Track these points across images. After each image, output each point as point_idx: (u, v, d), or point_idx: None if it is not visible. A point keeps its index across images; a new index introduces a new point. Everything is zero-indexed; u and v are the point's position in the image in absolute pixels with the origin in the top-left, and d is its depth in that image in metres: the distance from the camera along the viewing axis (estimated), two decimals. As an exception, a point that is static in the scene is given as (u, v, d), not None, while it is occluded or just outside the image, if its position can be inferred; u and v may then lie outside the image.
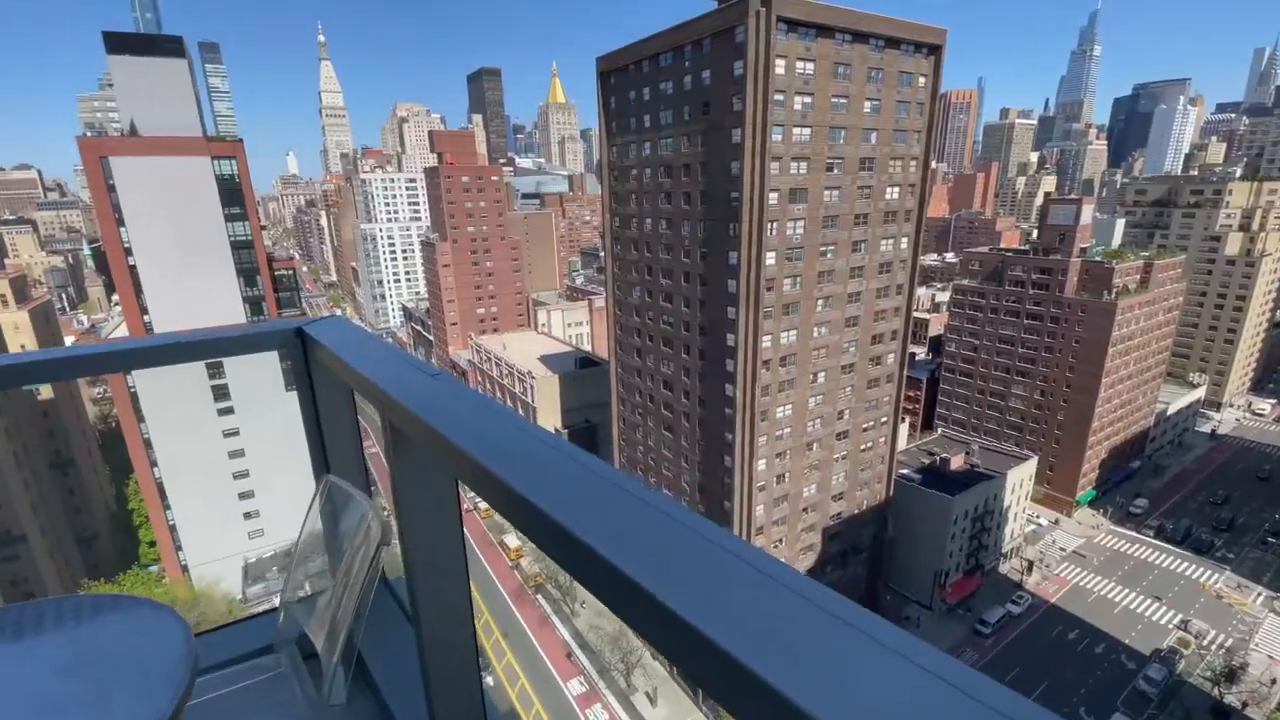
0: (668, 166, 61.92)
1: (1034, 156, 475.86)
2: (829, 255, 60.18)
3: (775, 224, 55.11)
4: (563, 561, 1.26)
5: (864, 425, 71.15)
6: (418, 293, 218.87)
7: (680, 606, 0.96)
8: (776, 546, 66.94)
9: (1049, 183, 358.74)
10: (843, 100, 57.51)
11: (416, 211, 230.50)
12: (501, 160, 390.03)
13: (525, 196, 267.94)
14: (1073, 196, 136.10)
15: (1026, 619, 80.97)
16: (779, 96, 53.01)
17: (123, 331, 73.78)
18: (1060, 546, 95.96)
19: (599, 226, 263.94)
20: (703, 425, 65.53)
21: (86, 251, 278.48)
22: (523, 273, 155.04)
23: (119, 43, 67.18)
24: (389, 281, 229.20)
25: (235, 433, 78.68)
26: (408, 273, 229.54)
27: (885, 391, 72.19)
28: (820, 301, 61.00)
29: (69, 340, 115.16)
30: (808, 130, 55.98)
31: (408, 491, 2.05)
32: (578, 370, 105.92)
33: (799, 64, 53.96)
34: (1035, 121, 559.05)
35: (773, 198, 54.16)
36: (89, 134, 72.23)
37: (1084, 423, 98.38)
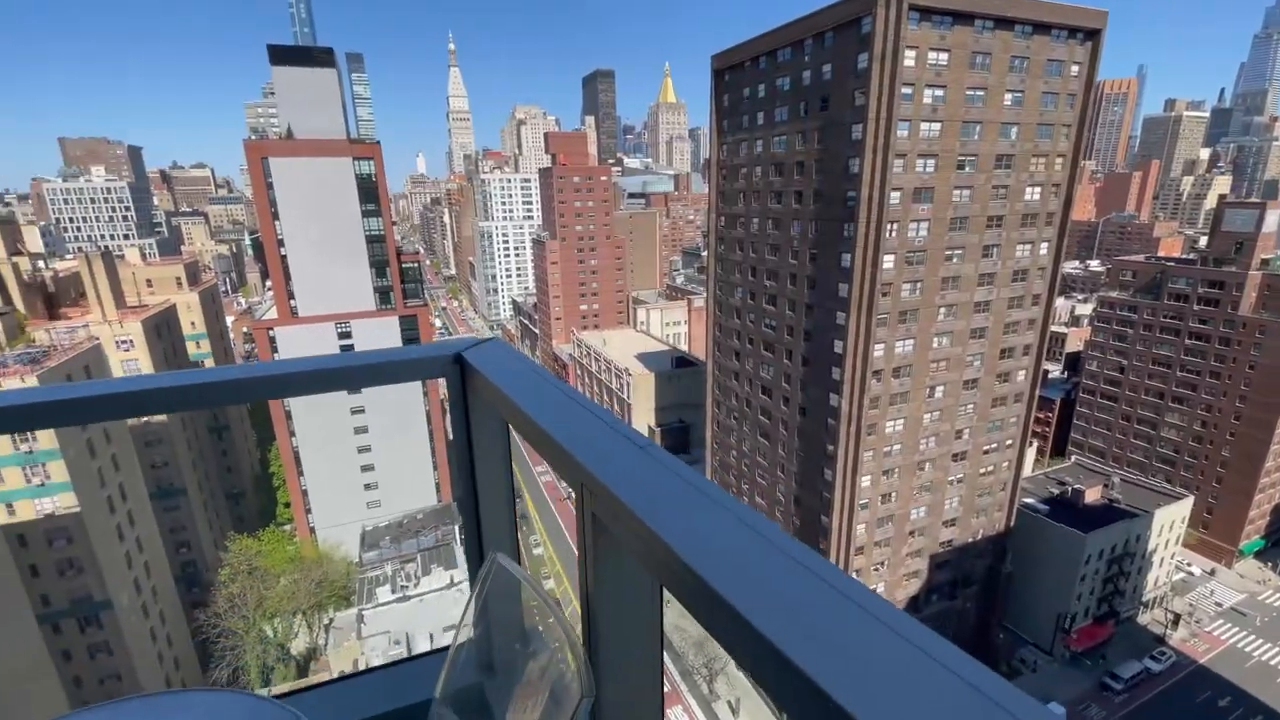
0: (779, 165, 59.94)
1: (1204, 154, 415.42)
2: (955, 260, 55.61)
3: (895, 225, 51.67)
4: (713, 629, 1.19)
5: (985, 447, 65.25)
6: (526, 288, 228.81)
7: (776, 636, 0.96)
8: (878, 570, 63.05)
9: (1223, 184, 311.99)
10: (979, 92, 52.86)
11: (529, 210, 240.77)
12: (610, 160, 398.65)
13: (631, 196, 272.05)
14: (1253, 200, 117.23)
15: (1168, 678, 70.92)
16: (907, 90, 49.58)
17: (273, 313, 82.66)
18: (1216, 600, 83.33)
19: (702, 226, 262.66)
20: (802, 435, 62.96)
21: (247, 242, 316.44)
22: (625, 271, 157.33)
23: (281, 55, 75.23)
24: (501, 276, 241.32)
25: (360, 410, 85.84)
26: (518, 268, 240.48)
27: (1012, 411, 65.77)
28: (942, 310, 56.52)
29: (230, 320, 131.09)
30: (937, 125, 51.98)
31: (606, 596, 1.67)
32: (674, 369, 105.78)
33: (931, 54, 50.19)
34: (1207, 114, 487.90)
35: (894, 197, 50.80)
36: (253, 137, 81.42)
37: (1255, 461, 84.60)
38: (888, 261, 52.18)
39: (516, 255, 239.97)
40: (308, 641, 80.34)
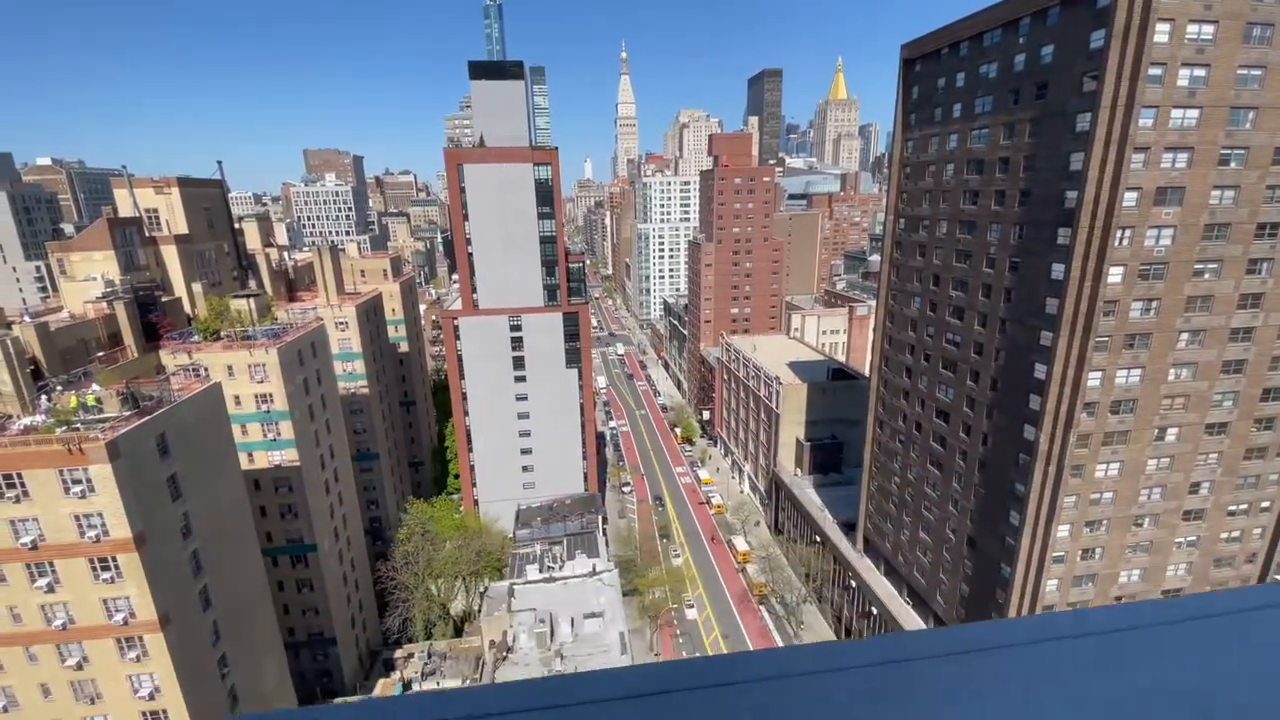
0: (977, 161, 53.20)
1: None
2: (1207, 276, 45.32)
3: (1128, 231, 43.25)
4: None
5: (1230, 507, 52.76)
6: (678, 289, 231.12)
7: None
8: (1069, 634, 53.58)
9: None
10: (1255, 72, 42.50)
11: (687, 212, 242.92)
12: (772, 160, 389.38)
13: (792, 197, 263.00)
14: None
15: None
16: (1155, 70, 41.17)
17: (458, 304, 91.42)
18: None
19: (869, 228, 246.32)
20: (984, 468, 55.49)
21: (439, 240, 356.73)
22: (780, 275, 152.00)
23: (478, 70, 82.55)
24: (654, 277, 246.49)
25: (525, 398, 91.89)
26: (671, 270, 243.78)
27: (1274, 466, 52.44)
28: (1185, 336, 46.42)
29: (421, 308, 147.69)
30: (1194, 113, 42.61)
31: None
32: (829, 381, 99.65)
33: (1191, 27, 41.24)
34: None
35: (1129, 198, 42.50)
36: (450, 146, 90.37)
37: None
38: (1114, 274, 43.85)
39: (671, 257, 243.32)
40: (464, 605, 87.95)
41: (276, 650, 57.28)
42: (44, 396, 43.46)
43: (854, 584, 76.39)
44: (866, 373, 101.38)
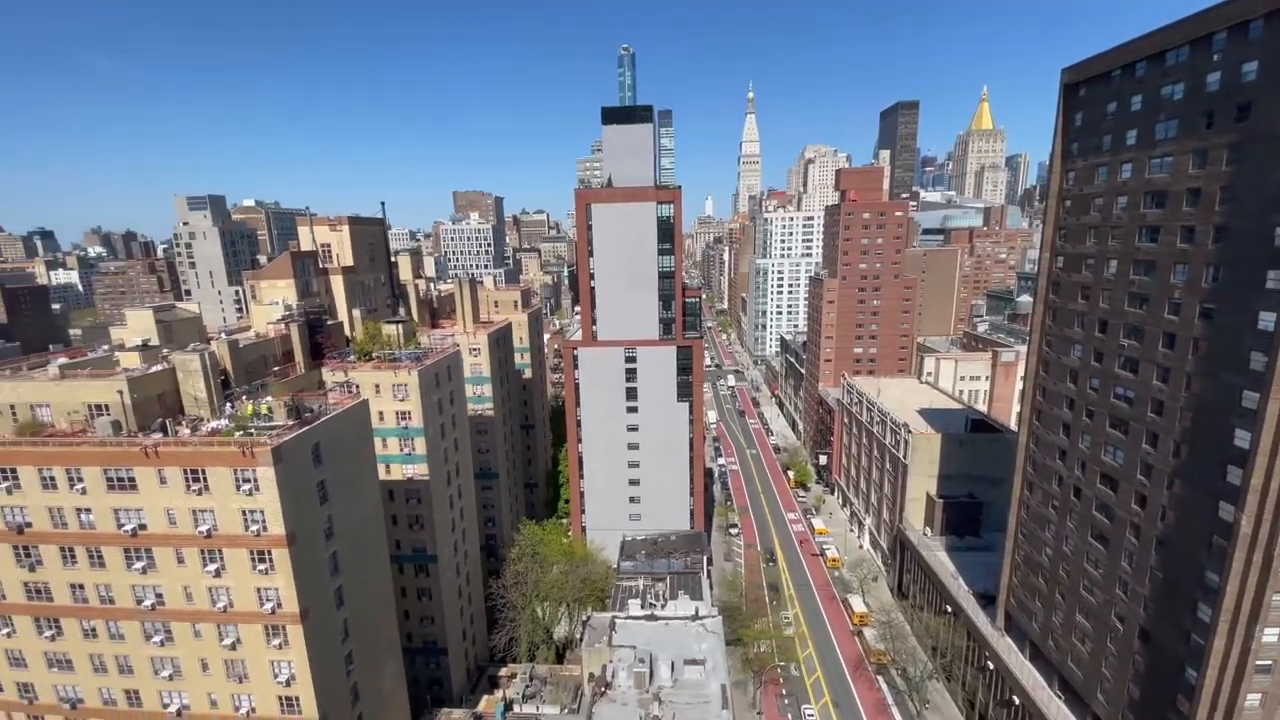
0: (1158, 193, 46.49)
1: None
2: None
3: (1369, 276, 35.27)
4: None
5: None
6: (796, 325, 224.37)
7: None
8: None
9: None
10: None
11: (809, 248, 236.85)
12: (904, 194, 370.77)
13: (927, 232, 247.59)
14: None
15: None
16: None
17: (578, 335, 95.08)
18: None
19: (1017, 266, 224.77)
20: (1163, 548, 46.94)
21: (565, 274, 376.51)
22: (912, 314, 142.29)
23: (610, 115, 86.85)
24: (771, 313, 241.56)
25: (635, 428, 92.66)
26: (790, 306, 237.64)
27: None
28: None
29: (545, 337, 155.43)
30: None
31: None
32: (968, 433, 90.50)
33: None
34: None
35: (1371, 235, 34.76)
36: (581, 187, 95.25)
37: None
38: (1349, 327, 35.78)
39: (790, 292, 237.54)
40: (567, 631, 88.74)
41: (395, 654, 60.86)
42: (229, 404, 50.43)
43: (991, 666, 67.29)
44: (1013, 426, 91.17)
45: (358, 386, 63.44)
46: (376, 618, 56.17)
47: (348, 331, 78.00)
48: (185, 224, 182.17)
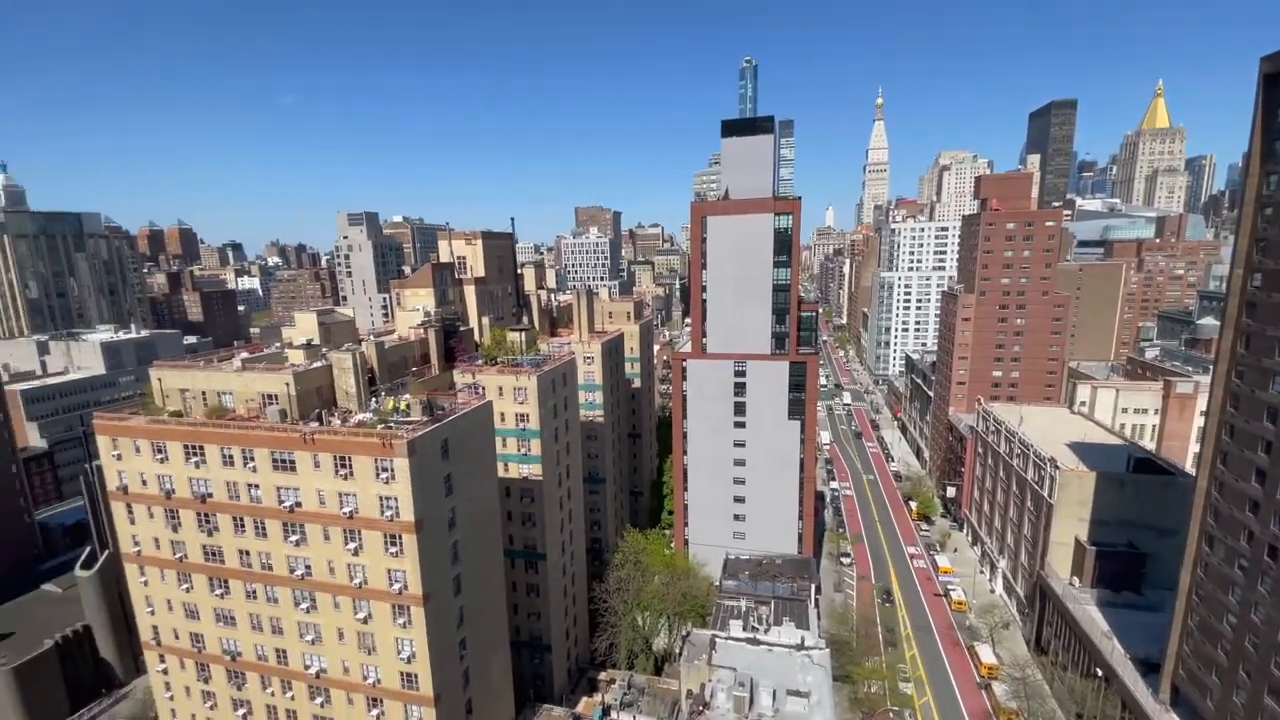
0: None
1: None
2: None
3: None
4: None
5: None
6: (924, 344, 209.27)
7: None
8: None
9: None
10: None
11: (941, 261, 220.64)
12: (1057, 203, 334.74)
13: (1083, 244, 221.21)
14: None
15: None
16: None
17: (688, 347, 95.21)
18: None
19: (1197, 283, 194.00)
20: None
21: (676, 286, 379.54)
22: (1064, 336, 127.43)
23: (730, 128, 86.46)
24: (896, 329, 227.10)
25: (742, 444, 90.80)
26: (918, 323, 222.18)
27: None
28: None
29: (655, 348, 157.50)
30: None
31: None
32: (1129, 474, 79.09)
33: None
34: None
35: None
36: (697, 200, 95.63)
37: None
38: None
39: (918, 308, 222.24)
40: (666, 644, 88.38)
41: (503, 646, 63.85)
42: (374, 399, 55.91)
43: (1153, 747, 57.83)
44: (1189, 468, 78.52)
45: (483, 388, 67.84)
46: (489, 608, 59.29)
47: (477, 337, 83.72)
48: (345, 238, 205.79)
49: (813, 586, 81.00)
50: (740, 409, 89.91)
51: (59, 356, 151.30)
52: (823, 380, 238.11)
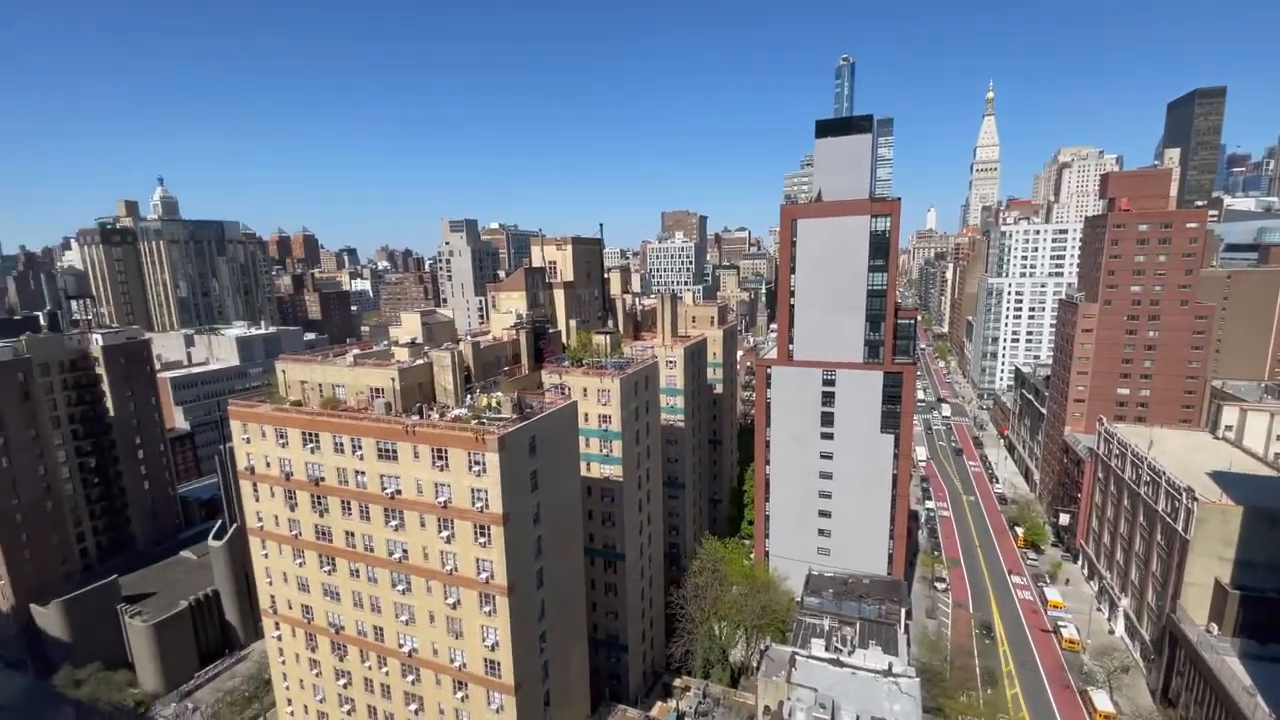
0: None
1: None
2: None
3: None
4: None
5: None
6: (1037, 357, 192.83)
7: None
8: None
9: None
10: None
11: (1059, 266, 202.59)
12: (1201, 202, 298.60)
13: (1232, 248, 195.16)
14: None
15: None
16: None
17: (773, 354, 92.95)
18: None
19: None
20: None
21: (762, 290, 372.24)
22: (1205, 351, 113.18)
23: (825, 128, 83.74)
24: (1005, 340, 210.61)
25: (829, 456, 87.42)
26: (1030, 333, 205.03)
27: None
28: None
29: (738, 354, 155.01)
30: None
31: None
32: (1289, 511, 68.75)
33: None
34: None
35: None
36: (787, 203, 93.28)
37: None
38: None
39: (1031, 317, 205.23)
40: (743, 656, 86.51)
41: (581, 642, 64.95)
42: (469, 395, 58.74)
43: (1316, 832, 49.72)
44: (1367, 510, 67.32)
45: (569, 389, 69.55)
46: (569, 603, 60.54)
47: (564, 339, 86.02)
48: (447, 243, 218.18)
49: (903, 611, 76.48)
50: (828, 419, 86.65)
51: (201, 348, 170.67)
52: (921, 394, 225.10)
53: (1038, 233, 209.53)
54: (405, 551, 53.15)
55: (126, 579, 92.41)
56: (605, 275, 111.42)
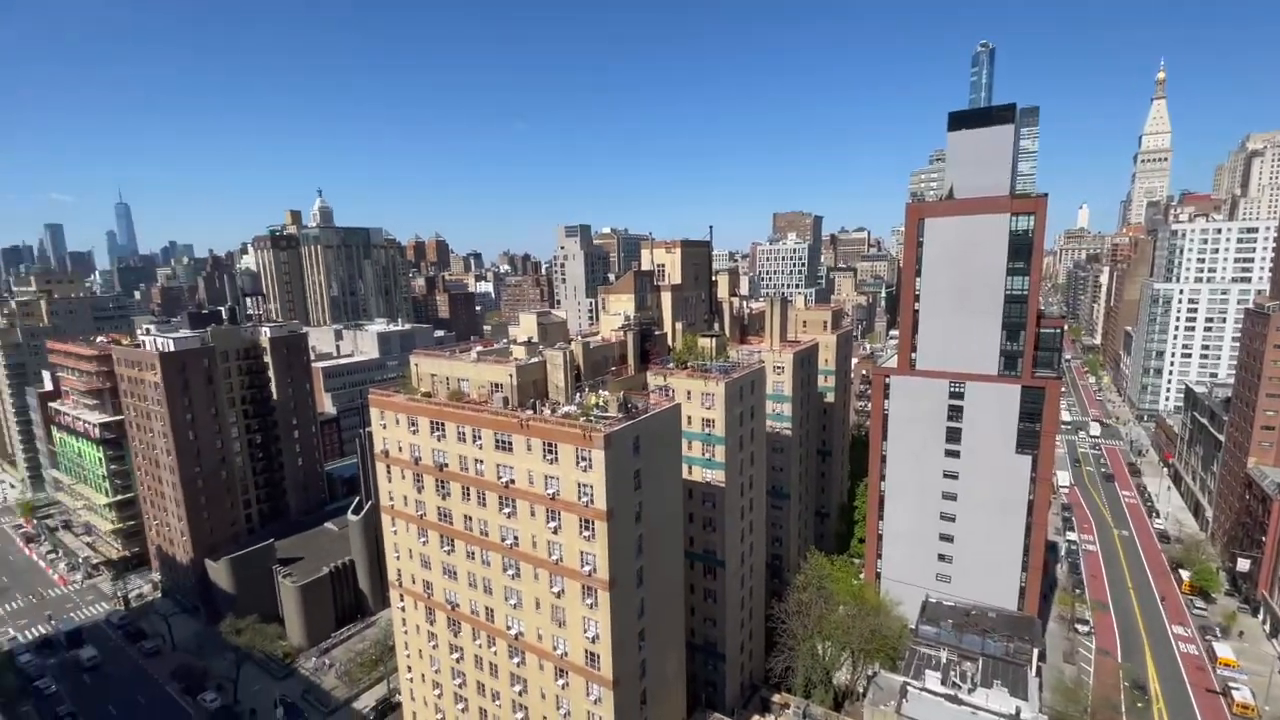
0: None
1: None
2: None
3: None
4: None
5: None
6: (1213, 375, 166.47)
7: None
8: None
9: None
10: None
11: (1245, 270, 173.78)
12: None
13: None
14: None
15: None
16: None
17: (892, 362, 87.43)
18: None
19: None
20: None
21: (882, 294, 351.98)
22: None
23: (959, 120, 77.52)
24: (1173, 354, 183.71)
25: (954, 476, 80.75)
26: (1205, 347, 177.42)
27: None
28: None
29: (853, 361, 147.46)
30: None
31: None
32: None
33: None
34: None
35: None
36: (912, 201, 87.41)
37: None
38: None
39: (1207, 329, 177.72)
40: (848, 679, 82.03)
41: (679, 646, 64.73)
42: (578, 393, 60.68)
43: None
44: None
45: (673, 391, 69.69)
46: (668, 605, 60.58)
47: (670, 342, 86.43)
48: (562, 248, 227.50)
49: (1035, 651, 68.94)
50: (954, 435, 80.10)
51: (348, 342, 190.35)
52: (1064, 411, 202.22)
53: (1219, 232, 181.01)
54: (516, 538, 55.78)
55: (280, 544, 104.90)
56: (713, 278, 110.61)
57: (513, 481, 54.46)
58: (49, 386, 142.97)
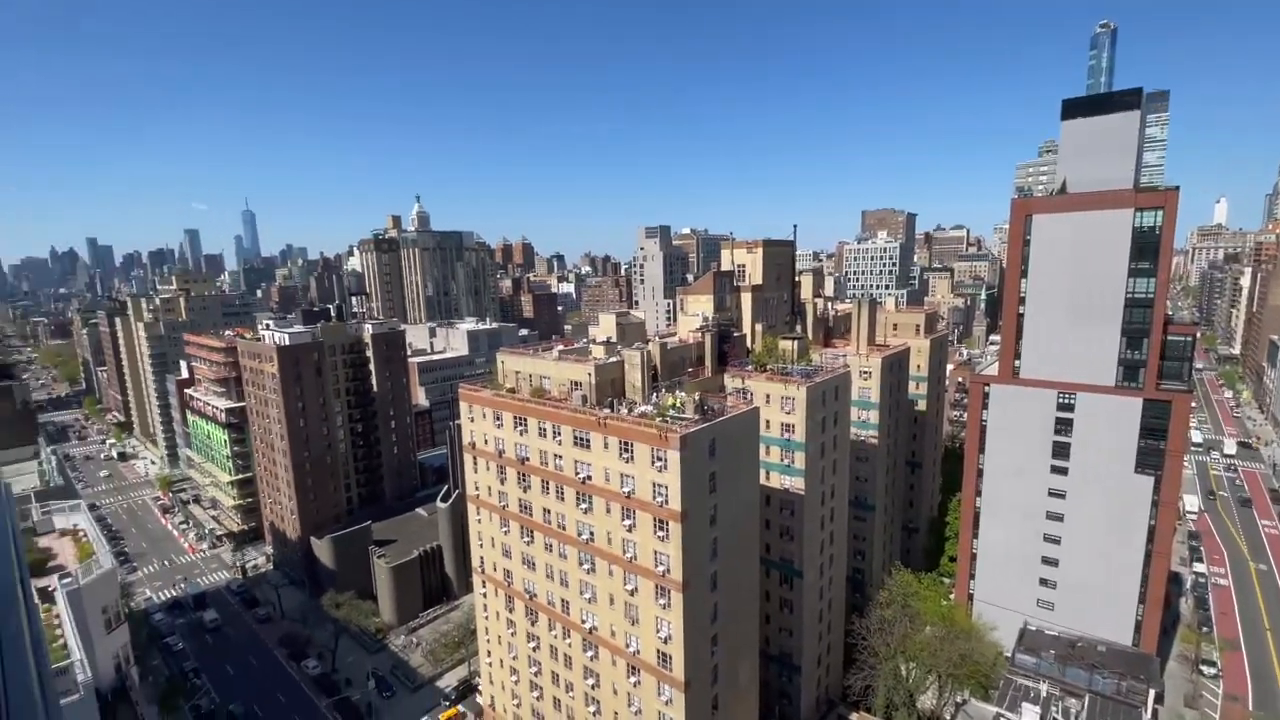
0: None
1: None
2: None
3: None
4: None
5: None
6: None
7: None
8: None
9: None
10: None
11: None
12: None
13: None
14: None
15: None
16: None
17: (993, 369, 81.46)
18: None
19: None
20: None
21: (982, 296, 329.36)
22: None
23: (1075, 107, 71.24)
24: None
25: (1061, 495, 74.27)
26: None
27: None
28: None
29: (949, 367, 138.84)
30: None
31: None
32: None
33: None
34: None
35: None
36: (1019, 196, 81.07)
37: None
38: None
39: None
40: (933, 705, 77.30)
41: (752, 653, 63.43)
42: (655, 394, 60.83)
43: None
44: None
45: (751, 394, 68.42)
46: (742, 611, 59.53)
47: (749, 343, 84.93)
48: (641, 249, 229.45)
49: (1151, 692, 62.16)
50: (1061, 450, 73.70)
51: (440, 339, 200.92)
52: (1194, 429, 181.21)
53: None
54: (591, 534, 56.68)
55: (376, 526, 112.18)
56: (796, 279, 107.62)
57: (590, 478, 55.37)
58: (185, 374, 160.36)
